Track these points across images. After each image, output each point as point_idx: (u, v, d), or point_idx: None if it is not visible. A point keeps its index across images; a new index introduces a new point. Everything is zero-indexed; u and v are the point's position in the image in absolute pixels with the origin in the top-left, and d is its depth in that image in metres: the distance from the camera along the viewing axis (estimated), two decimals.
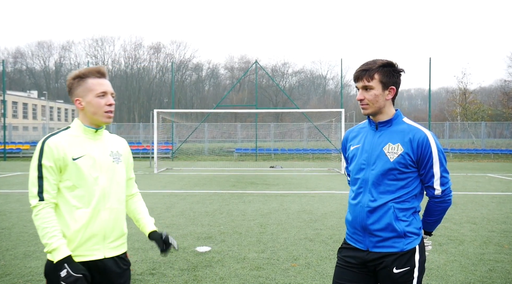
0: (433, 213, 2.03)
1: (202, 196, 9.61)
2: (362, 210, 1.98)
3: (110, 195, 1.97)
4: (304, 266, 4.41)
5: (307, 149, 28.53)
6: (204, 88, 72.86)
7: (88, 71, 1.96)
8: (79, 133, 1.98)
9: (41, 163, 1.87)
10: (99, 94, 1.95)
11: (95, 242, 1.92)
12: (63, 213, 1.89)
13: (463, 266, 4.40)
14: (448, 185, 1.98)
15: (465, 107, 38.11)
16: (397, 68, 1.98)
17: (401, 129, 1.97)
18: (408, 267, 1.92)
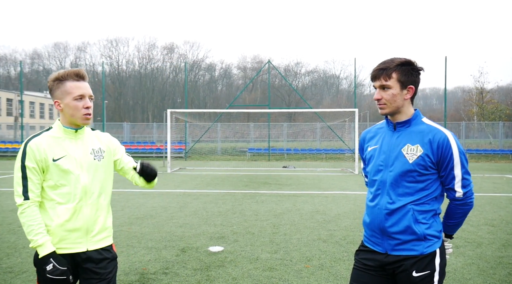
0: (454, 216, 1.97)
1: (215, 195, 9.62)
2: (380, 212, 1.94)
3: (92, 191, 2.06)
4: (317, 267, 4.36)
5: (320, 149, 28.36)
6: (217, 88, 73.11)
7: (66, 74, 2.02)
8: (60, 134, 2.06)
9: (24, 164, 1.97)
10: (77, 97, 2.01)
11: (78, 236, 2.03)
12: (46, 208, 2.01)
13: (481, 269, 4.30)
14: (470, 187, 1.91)
15: (482, 107, 37.41)
16: (416, 67, 1.92)
17: (420, 130, 1.92)
18: (428, 270, 1.87)
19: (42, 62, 70.61)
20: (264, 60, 62.21)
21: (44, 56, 70.43)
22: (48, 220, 2.00)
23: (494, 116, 35.54)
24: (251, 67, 69.92)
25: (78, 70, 2.04)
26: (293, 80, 67.26)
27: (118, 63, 68.85)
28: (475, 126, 32.88)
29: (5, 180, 13.21)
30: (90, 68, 70.13)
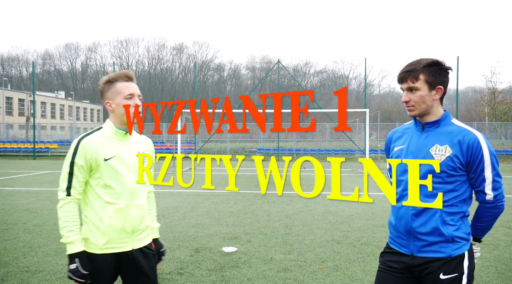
0: (483, 219, 1.92)
1: (226, 196, 9.63)
2: (407, 213, 1.91)
3: (137, 193, 2.12)
4: (332, 269, 4.33)
5: (329, 149, 28.25)
6: (225, 89, 73.24)
7: (117, 76, 2.10)
8: (110, 135, 2.10)
9: (73, 160, 2.01)
10: (127, 96, 2.07)
11: (125, 235, 2.08)
12: (96, 208, 2.04)
13: (500, 272, 4.23)
14: (501, 190, 1.87)
15: (494, 107, 36.93)
16: (444, 66, 1.89)
17: (449, 131, 1.88)
18: (456, 273, 1.83)
19: (53, 62, 71.47)
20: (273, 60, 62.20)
21: (55, 57, 71.30)
22: (98, 219, 2.03)
23: (506, 117, 35.07)
24: (260, 68, 69.97)
25: (127, 72, 2.13)
26: (302, 81, 67.12)
27: (128, 63, 69.37)
28: (486, 127, 32.46)
29: (19, 179, 13.38)
30: (100, 69, 70.80)
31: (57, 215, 2.03)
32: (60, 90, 64.36)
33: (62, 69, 72.07)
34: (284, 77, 57.77)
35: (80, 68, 72.07)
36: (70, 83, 71.62)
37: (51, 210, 7.58)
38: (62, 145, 29.76)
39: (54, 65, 71.44)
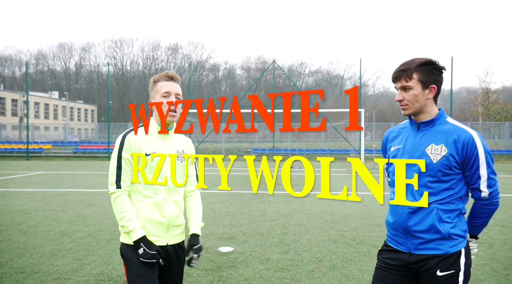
0: (479, 216, 1.95)
1: (222, 196, 9.62)
2: (403, 212, 1.93)
3: (174, 189, 2.17)
4: (329, 268, 4.34)
5: (325, 149, 28.33)
6: (221, 89, 73.17)
7: (159, 76, 2.20)
8: (153, 131, 2.17)
9: (121, 154, 2.09)
10: (164, 94, 2.15)
11: (161, 230, 2.12)
12: (133, 200, 2.11)
13: (495, 270, 4.26)
14: (495, 187, 1.90)
15: (488, 107, 37.22)
16: (438, 66, 1.91)
17: (444, 130, 1.90)
18: (453, 270, 1.85)
19: (47, 62, 70.98)
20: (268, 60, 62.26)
21: (49, 57, 70.80)
22: (135, 211, 2.09)
23: (500, 117, 35.37)
24: (255, 68, 69.94)
25: (168, 72, 2.19)
26: (297, 81, 67.22)
27: (123, 63, 69.08)
28: (480, 127, 32.70)
29: (12, 180, 13.27)
30: (94, 69, 70.49)
31: (112, 209, 2.08)
32: (53, 91, 63.95)
33: (55, 69, 71.58)
34: (279, 77, 57.83)
35: (74, 68, 71.62)
36: (64, 84, 71.18)
37: (45, 211, 7.53)
38: (56, 145, 29.57)
39: (48, 65, 70.96)
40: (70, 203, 8.56)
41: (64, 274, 4.15)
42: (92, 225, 6.41)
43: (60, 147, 29.36)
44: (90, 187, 11.34)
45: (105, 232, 5.95)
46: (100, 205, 8.30)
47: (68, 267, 4.37)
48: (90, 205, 8.24)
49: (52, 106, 58.93)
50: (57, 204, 8.35)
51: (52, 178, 14.07)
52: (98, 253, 4.85)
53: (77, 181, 13.10)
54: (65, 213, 7.36)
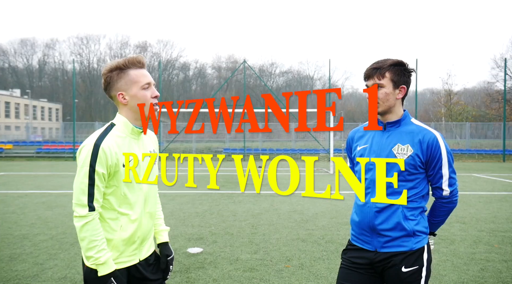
0: (439, 214, 2.01)
1: (192, 196, 9.51)
2: (370, 211, 1.96)
3: (149, 199, 1.89)
4: (297, 267, 4.37)
5: (295, 149, 28.63)
6: (191, 88, 72.45)
7: (128, 62, 1.81)
8: (125, 133, 1.82)
9: (94, 168, 1.70)
10: (144, 86, 1.80)
11: (134, 247, 1.85)
12: (106, 219, 1.77)
13: (456, 265, 4.42)
14: (456, 186, 1.97)
15: (450, 108, 38.75)
16: (408, 68, 1.97)
17: (410, 130, 1.95)
18: (417, 266, 1.90)
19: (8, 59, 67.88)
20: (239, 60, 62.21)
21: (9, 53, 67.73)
22: (109, 233, 1.77)
23: (461, 118, 36.92)
24: (226, 67, 69.72)
25: (139, 57, 1.84)
26: (268, 81, 67.53)
27: (89, 61, 67.09)
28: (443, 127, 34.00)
29: None
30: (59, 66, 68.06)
31: (78, 235, 1.74)
32: (15, 88, 61.27)
33: (17, 66, 68.61)
34: (250, 77, 57.90)
35: (37, 65, 68.88)
36: (26, 81, 68.35)
37: (4, 214, 7.19)
38: (17, 145, 28.35)
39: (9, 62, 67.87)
40: (31, 205, 8.22)
41: (23, 280, 3.97)
42: (55, 227, 6.17)
43: (22, 147, 28.17)
44: (53, 188, 10.93)
45: (68, 234, 5.74)
46: (64, 206, 8.01)
47: (28, 272, 4.18)
48: (53, 207, 7.94)
49: (14, 105, 56.48)
50: (18, 206, 8.00)
51: (12, 179, 13.47)
52: (60, 257, 4.68)
53: (39, 182, 12.60)
54: (26, 216, 7.05)
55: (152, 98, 1.82)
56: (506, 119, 27.22)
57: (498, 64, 36.80)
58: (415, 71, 2.00)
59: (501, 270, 4.26)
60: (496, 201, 8.88)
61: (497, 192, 10.43)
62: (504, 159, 25.38)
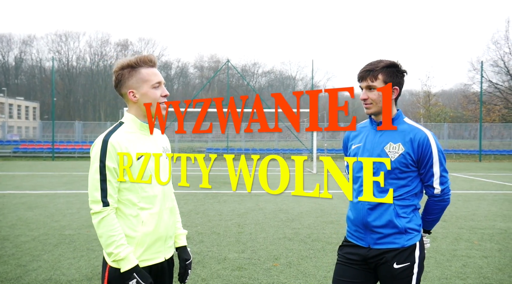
0: (432, 212, 2.07)
1: (176, 196, 9.32)
2: (363, 208, 2.00)
3: (168, 194, 1.89)
4: (285, 266, 4.41)
5: (278, 149, 28.74)
6: (173, 87, 71.83)
7: (140, 60, 1.82)
8: (134, 130, 1.82)
9: (104, 164, 1.71)
10: (155, 84, 1.81)
11: (159, 244, 1.84)
12: (127, 215, 1.76)
13: (439, 262, 4.54)
14: (447, 184, 2.02)
15: (429, 109, 39.62)
16: (401, 69, 2.01)
17: (402, 129, 2.00)
18: (408, 262, 1.95)
19: None
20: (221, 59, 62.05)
21: None
22: (131, 229, 1.76)
23: (439, 119, 37.78)
24: (208, 67, 69.42)
25: (151, 56, 1.85)
26: (250, 81, 67.57)
27: (68, 59, 65.69)
28: None
29: None
30: (36, 64, 66.42)
31: (96, 232, 1.73)
32: None
33: None
34: (233, 77, 57.81)
35: (14, 63, 67.04)
36: (2, 78, 66.41)
37: None
38: None
39: None
40: (10, 205, 8.01)
41: (6, 282, 3.87)
42: (36, 229, 6.03)
43: None
44: (33, 189, 10.67)
45: (51, 236, 5.63)
46: (45, 207, 7.84)
47: (10, 274, 4.08)
48: (34, 208, 7.75)
49: None
50: None
51: None
52: (44, 258, 4.58)
53: (18, 182, 12.28)
54: (5, 217, 6.87)
55: (162, 97, 1.83)
56: (482, 120, 28.01)
57: (474, 67, 37.83)
58: (407, 73, 2.04)
59: (482, 266, 4.40)
60: (474, 199, 9.15)
61: (474, 191, 10.74)
62: (480, 158, 26.12)
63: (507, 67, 38.15)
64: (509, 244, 5.28)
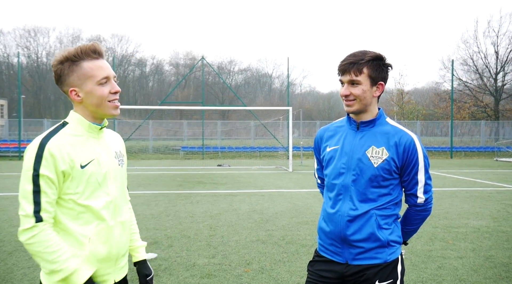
0: (412, 222, 1.88)
1: (147, 197, 9.10)
2: (342, 220, 1.78)
3: (120, 206, 1.64)
4: (257, 271, 4.20)
5: (254, 147, 28.53)
6: (148, 85, 70.54)
7: (81, 52, 1.53)
8: (81, 132, 1.57)
9: (38, 173, 1.44)
10: (101, 80, 1.54)
11: (108, 265, 1.59)
12: (72, 231, 1.51)
13: (414, 264, 4.44)
14: (431, 193, 1.83)
15: (402, 107, 40.32)
16: (386, 63, 1.78)
17: (385, 131, 1.79)
18: (391, 279, 1.76)
19: None
20: (197, 57, 61.24)
21: None
22: (76, 248, 1.51)
23: (412, 116, 38.50)
24: (184, 64, 68.47)
25: (94, 45, 1.56)
26: (227, 78, 67.11)
27: (37, 55, 63.43)
28: None
29: None
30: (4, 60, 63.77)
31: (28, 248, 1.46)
32: None
33: None
34: (209, 74, 57.18)
35: None
36: None
37: None
38: None
39: None
40: None
41: None
42: None
43: None
44: None
45: (7, 242, 5.23)
46: (3, 210, 7.36)
47: None
48: None
49: None
50: None
51: None
52: None
53: None
54: None
55: (111, 94, 1.57)
56: (453, 118, 28.67)
57: (445, 66, 38.74)
58: (392, 67, 1.82)
59: (457, 267, 4.32)
60: (447, 197, 9.21)
61: (447, 188, 10.85)
62: (451, 155, 26.73)
63: (476, 65, 39.29)
64: (483, 243, 5.25)
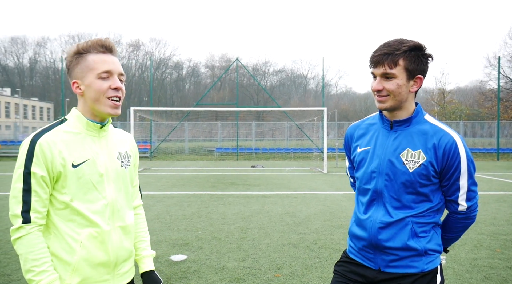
0: (453, 230, 1.68)
1: (180, 197, 9.15)
2: (373, 226, 1.61)
3: (120, 210, 1.55)
4: (288, 276, 4.04)
5: (288, 148, 28.29)
6: (184, 87, 71.93)
7: (89, 45, 1.48)
8: (79, 129, 1.50)
9: (30, 170, 1.39)
10: (102, 74, 1.46)
11: (105, 271, 1.50)
12: (63, 235, 1.44)
13: (458, 273, 4.12)
14: (475, 200, 1.62)
15: (444, 107, 38.68)
16: (426, 53, 1.56)
17: (423, 131, 1.58)
18: None
19: None
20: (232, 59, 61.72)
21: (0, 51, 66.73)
22: (67, 252, 1.43)
23: (455, 116, 36.84)
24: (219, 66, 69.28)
25: (103, 40, 1.50)
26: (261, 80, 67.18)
27: None
28: None
29: None
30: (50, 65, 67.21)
31: (15, 251, 1.42)
32: (5, 87, 60.35)
33: (7, 65, 67.65)
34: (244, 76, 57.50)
35: (28, 64, 67.94)
36: (17, 80, 67.37)
37: None
38: (5, 144, 27.86)
39: None
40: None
41: None
42: None
43: (11, 147, 27.61)
44: None
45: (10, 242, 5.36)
46: None
47: None
48: None
49: (4, 104, 55.66)
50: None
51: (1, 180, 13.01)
52: None
53: None
54: (2, 220, 6.66)
55: (111, 90, 1.49)
56: (500, 118, 27.12)
57: (491, 63, 36.75)
58: (433, 58, 1.58)
59: (507, 279, 3.97)
60: (494, 201, 8.63)
61: (494, 192, 10.19)
62: (498, 157, 25.28)
63: None
64: None
